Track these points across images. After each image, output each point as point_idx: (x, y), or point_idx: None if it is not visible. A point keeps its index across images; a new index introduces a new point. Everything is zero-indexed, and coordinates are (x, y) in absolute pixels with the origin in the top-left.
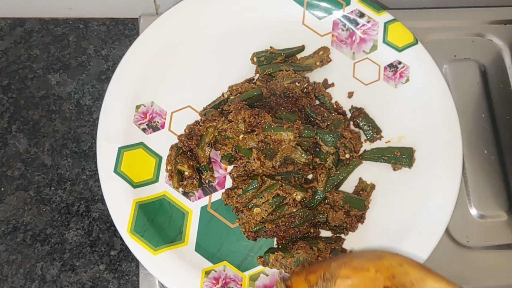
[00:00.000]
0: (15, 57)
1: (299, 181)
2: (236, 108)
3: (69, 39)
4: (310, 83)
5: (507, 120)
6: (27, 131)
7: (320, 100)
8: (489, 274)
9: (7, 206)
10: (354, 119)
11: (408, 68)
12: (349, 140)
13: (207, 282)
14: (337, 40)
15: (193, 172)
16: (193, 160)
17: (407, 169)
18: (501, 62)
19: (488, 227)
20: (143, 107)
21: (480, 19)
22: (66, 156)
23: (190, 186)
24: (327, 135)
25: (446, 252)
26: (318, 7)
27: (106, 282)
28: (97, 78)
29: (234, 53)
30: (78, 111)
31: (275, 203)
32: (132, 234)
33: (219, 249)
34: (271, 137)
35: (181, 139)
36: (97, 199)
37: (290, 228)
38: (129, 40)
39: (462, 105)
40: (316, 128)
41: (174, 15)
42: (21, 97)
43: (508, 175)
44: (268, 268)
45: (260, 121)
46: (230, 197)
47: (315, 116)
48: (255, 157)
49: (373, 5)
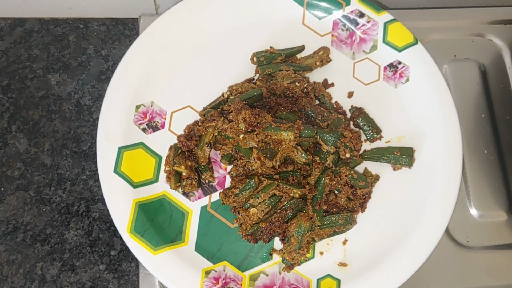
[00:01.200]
0: (15, 57)
1: (297, 179)
2: (237, 108)
3: (69, 39)
4: (310, 83)
5: (507, 120)
6: (27, 131)
7: (320, 100)
8: (489, 274)
9: (7, 206)
10: (354, 119)
11: (408, 68)
12: (349, 139)
13: (207, 282)
14: (337, 40)
15: (191, 173)
16: (191, 160)
17: (407, 169)
18: (501, 62)
19: (488, 227)
20: (143, 107)
21: (480, 19)
22: (66, 156)
23: (189, 187)
24: (327, 135)
25: (446, 252)
26: (318, 7)
27: (106, 282)
28: (97, 78)
29: (234, 53)
30: (78, 111)
31: (272, 203)
32: (132, 234)
33: (219, 249)
34: (271, 137)
35: (180, 139)
36: (97, 199)
37: (284, 223)
38: (129, 40)
39: (462, 105)
40: (316, 127)
41: (174, 15)
42: (21, 97)
43: (508, 175)
44: (268, 268)
45: (261, 121)
46: (227, 197)
47: (315, 116)
48: (255, 157)
49: (373, 5)
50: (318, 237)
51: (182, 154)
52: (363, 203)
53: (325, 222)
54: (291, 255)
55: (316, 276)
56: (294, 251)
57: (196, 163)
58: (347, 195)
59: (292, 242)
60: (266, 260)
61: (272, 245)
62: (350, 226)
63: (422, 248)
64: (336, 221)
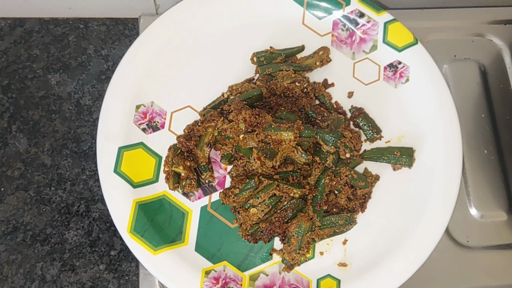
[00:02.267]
0: (15, 57)
1: (297, 179)
2: (237, 108)
3: (69, 39)
4: (310, 83)
5: (507, 120)
6: (27, 131)
7: (320, 100)
8: (489, 274)
9: (7, 206)
10: (354, 119)
11: (408, 68)
12: (349, 139)
13: (207, 282)
14: (337, 40)
15: (190, 173)
16: (190, 160)
17: (407, 169)
18: (501, 62)
19: (488, 227)
20: (143, 107)
21: (480, 19)
22: (66, 156)
23: (188, 187)
24: (328, 135)
25: (446, 252)
26: (318, 7)
27: (106, 282)
28: (97, 78)
29: (234, 53)
30: (78, 111)
31: (272, 203)
32: (132, 234)
33: (219, 249)
34: (271, 137)
35: (179, 140)
36: (97, 199)
37: (284, 223)
38: (129, 40)
39: (462, 105)
40: (316, 128)
41: (174, 15)
42: (21, 97)
43: (508, 175)
44: (268, 268)
45: (261, 120)
46: (227, 197)
47: (315, 116)
48: (255, 157)
49: (373, 5)
50: (318, 237)
51: (181, 155)
52: (363, 203)
53: (325, 223)
54: (291, 255)
55: (316, 276)
56: (294, 251)
57: (196, 163)
58: (347, 195)
59: (292, 242)
60: (266, 260)
61: (272, 245)
62: (350, 226)
63: (422, 248)
64: (336, 222)
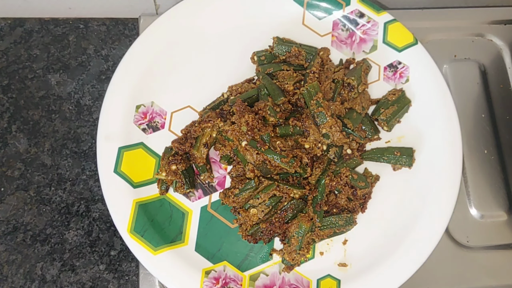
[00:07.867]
0: (15, 57)
1: (297, 180)
2: (240, 110)
3: (69, 39)
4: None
5: (507, 120)
6: (27, 131)
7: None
8: (489, 274)
9: (7, 206)
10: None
11: (408, 68)
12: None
13: (207, 282)
14: (337, 40)
15: (176, 177)
16: (184, 162)
17: (407, 169)
18: (501, 62)
19: (488, 227)
20: (143, 107)
21: (480, 19)
22: (66, 156)
23: (180, 189)
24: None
25: (446, 252)
26: (318, 7)
27: (106, 282)
28: (97, 78)
29: (234, 53)
30: (78, 111)
31: (272, 203)
32: (132, 234)
33: (219, 249)
34: (270, 162)
35: (174, 145)
36: (97, 199)
37: (284, 223)
38: (129, 40)
39: (462, 105)
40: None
41: (174, 15)
42: (21, 97)
43: (508, 175)
44: (268, 268)
45: (261, 127)
46: (227, 197)
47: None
48: (250, 168)
49: (373, 5)
50: (318, 237)
51: (174, 156)
52: (363, 203)
53: (325, 223)
54: (291, 256)
55: (316, 276)
56: (294, 251)
57: (189, 164)
58: (347, 195)
59: (293, 243)
60: (266, 260)
61: (272, 245)
62: (350, 227)
63: (422, 248)
64: (336, 222)
